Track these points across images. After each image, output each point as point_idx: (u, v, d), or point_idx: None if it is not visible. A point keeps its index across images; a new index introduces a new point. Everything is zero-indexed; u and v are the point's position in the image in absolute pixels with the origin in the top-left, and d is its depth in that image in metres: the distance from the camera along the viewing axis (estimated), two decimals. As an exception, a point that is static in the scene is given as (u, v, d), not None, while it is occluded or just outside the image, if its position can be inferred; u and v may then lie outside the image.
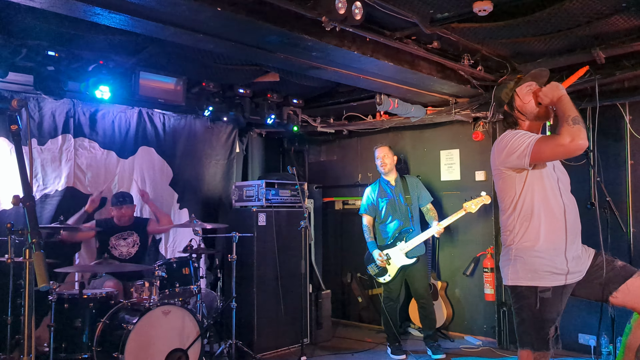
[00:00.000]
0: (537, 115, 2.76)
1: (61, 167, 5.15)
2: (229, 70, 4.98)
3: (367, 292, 6.77)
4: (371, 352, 5.36)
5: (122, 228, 5.02)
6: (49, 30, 3.89)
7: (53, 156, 5.11)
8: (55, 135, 5.14)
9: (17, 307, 4.25)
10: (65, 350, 4.03)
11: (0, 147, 4.82)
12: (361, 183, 6.86)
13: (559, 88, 2.63)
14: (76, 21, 3.53)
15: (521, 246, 2.68)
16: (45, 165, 5.06)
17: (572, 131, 2.47)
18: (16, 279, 4.24)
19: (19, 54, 4.11)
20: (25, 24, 3.79)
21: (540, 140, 2.57)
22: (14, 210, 4.82)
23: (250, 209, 5.40)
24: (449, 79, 4.83)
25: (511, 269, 2.71)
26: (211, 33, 3.59)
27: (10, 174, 4.83)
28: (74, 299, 4.12)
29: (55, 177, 5.11)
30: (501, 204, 2.81)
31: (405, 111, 5.64)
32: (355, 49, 3.96)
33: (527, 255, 2.65)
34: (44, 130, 5.07)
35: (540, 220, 2.65)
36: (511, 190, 2.71)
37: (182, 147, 6.12)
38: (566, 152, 2.53)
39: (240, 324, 4.94)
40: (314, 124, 6.52)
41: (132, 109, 5.70)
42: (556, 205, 2.68)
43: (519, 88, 2.80)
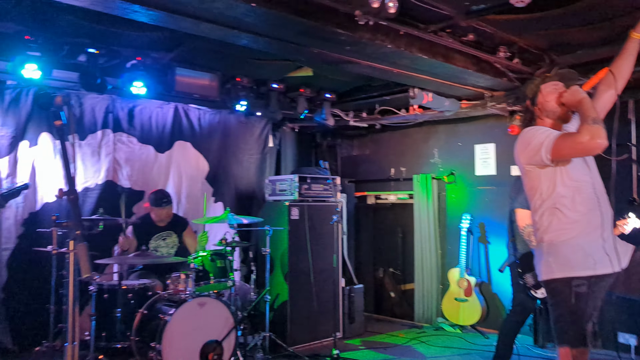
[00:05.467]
0: (556, 116, 2.75)
1: (101, 162, 5.30)
2: (263, 66, 5.02)
3: (399, 287, 6.75)
4: (404, 347, 5.34)
5: (161, 228, 5.02)
6: (90, 28, 4.00)
7: (93, 150, 5.26)
8: (95, 130, 5.29)
9: (59, 297, 4.41)
10: (105, 339, 4.15)
11: (44, 143, 4.99)
12: (394, 178, 6.82)
13: (579, 92, 2.64)
14: (115, 19, 3.61)
15: (553, 241, 2.65)
16: (86, 159, 5.22)
17: (591, 130, 2.47)
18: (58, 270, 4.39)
19: (61, 51, 4.25)
20: (67, 22, 3.91)
21: (560, 137, 2.57)
22: (56, 204, 4.99)
23: (283, 203, 5.44)
24: (485, 72, 4.75)
25: (544, 263, 2.68)
26: (246, 29, 3.62)
27: (52, 168, 5.01)
28: (113, 290, 4.24)
29: (95, 171, 5.26)
30: (531, 201, 2.77)
31: (439, 105, 5.57)
32: (388, 43, 3.93)
33: (559, 249, 2.62)
34: (85, 125, 5.22)
35: (571, 214, 2.61)
36: (539, 186, 2.69)
37: (216, 142, 6.21)
38: (585, 149, 2.54)
39: (273, 316, 5.00)
40: (346, 118, 6.52)
41: (168, 104, 5.81)
42: (587, 198, 2.64)
43: (544, 85, 2.78)
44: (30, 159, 4.92)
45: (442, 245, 6.32)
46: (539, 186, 2.69)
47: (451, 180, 6.29)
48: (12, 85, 4.81)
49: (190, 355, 3.94)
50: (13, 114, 4.82)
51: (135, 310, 4.18)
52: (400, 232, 6.80)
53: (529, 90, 2.85)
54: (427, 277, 6.25)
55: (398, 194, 6.81)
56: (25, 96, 4.88)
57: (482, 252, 6.01)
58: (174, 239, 5.03)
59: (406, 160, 6.76)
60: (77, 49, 4.33)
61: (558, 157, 2.58)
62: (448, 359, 4.95)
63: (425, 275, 6.26)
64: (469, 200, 6.14)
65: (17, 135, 4.84)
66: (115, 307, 4.19)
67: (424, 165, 6.56)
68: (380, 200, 7.04)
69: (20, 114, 4.86)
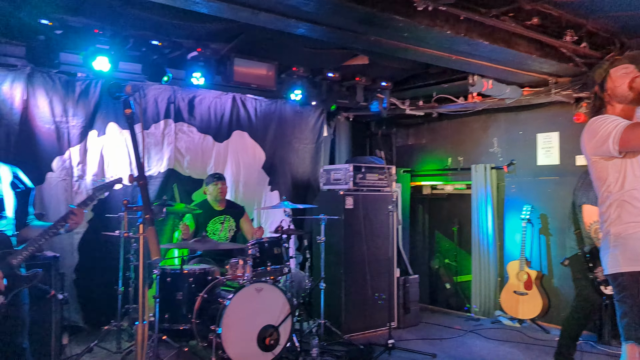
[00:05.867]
0: (627, 101, 2.59)
1: (163, 151, 5.49)
2: (319, 54, 5.03)
3: (455, 279, 6.64)
4: (460, 339, 5.26)
5: (219, 212, 5.15)
6: (153, 20, 4.14)
7: (156, 140, 5.46)
8: (158, 120, 5.48)
9: (126, 279, 4.63)
10: (167, 320, 4.32)
11: (111, 132, 5.22)
12: (451, 167, 6.69)
13: None
14: (177, 11, 3.73)
15: (621, 234, 2.54)
16: (149, 148, 5.42)
17: None
18: (125, 253, 4.61)
19: (127, 44, 4.42)
20: (132, 15, 4.06)
21: (629, 128, 2.42)
22: (122, 190, 5.22)
23: (338, 192, 5.45)
24: (549, 57, 4.56)
25: (610, 257, 2.57)
26: (303, 17, 3.64)
27: (118, 157, 5.24)
28: (175, 274, 4.39)
29: (158, 160, 5.46)
30: (598, 192, 2.66)
31: (499, 92, 5.41)
32: (448, 29, 3.84)
33: (627, 243, 2.51)
34: (148, 115, 5.42)
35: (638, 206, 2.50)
36: (606, 177, 2.58)
37: (272, 131, 6.29)
38: None
39: (328, 304, 5.04)
40: (402, 106, 6.44)
41: (226, 95, 5.94)
42: None
43: (614, 69, 2.63)
44: (98, 147, 5.16)
45: (501, 237, 6.16)
46: (607, 177, 2.58)
47: (511, 170, 6.11)
48: (82, 78, 5.06)
49: (248, 339, 4.04)
50: (83, 104, 5.07)
51: (195, 294, 4.32)
52: (457, 222, 6.68)
53: (598, 75, 2.71)
54: (484, 269, 6.11)
55: (455, 184, 6.68)
56: (94, 87, 5.11)
57: (544, 245, 5.81)
58: (231, 224, 5.16)
59: (464, 150, 6.62)
60: (141, 42, 4.49)
61: (626, 148, 2.46)
62: (507, 353, 4.84)
63: (482, 267, 6.13)
64: (530, 190, 5.94)
65: (86, 125, 5.09)
66: (177, 290, 4.35)
67: (482, 154, 6.40)
68: (436, 191, 6.93)
69: (90, 104, 5.10)
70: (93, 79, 5.09)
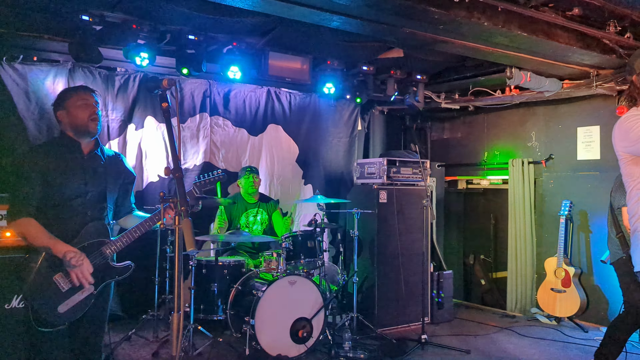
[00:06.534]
0: None
1: (199, 144, 5.58)
2: (353, 48, 5.01)
3: (490, 275, 6.53)
4: (494, 337, 5.18)
5: (252, 205, 5.21)
6: (189, 15, 4.20)
7: (192, 133, 5.55)
8: (194, 114, 5.57)
9: (162, 269, 4.73)
10: (203, 311, 4.41)
11: (149, 126, 5.34)
12: (487, 162, 6.58)
13: None
14: (213, 5, 3.77)
15: None
16: (186, 141, 5.51)
17: None
18: (162, 244, 4.71)
19: (164, 39, 4.50)
20: (169, 11, 4.12)
21: None
22: (159, 183, 5.33)
23: (372, 185, 5.43)
24: (591, 48, 4.42)
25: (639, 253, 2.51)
26: (337, 10, 3.62)
27: (156, 150, 5.35)
28: (210, 265, 4.48)
29: (194, 153, 5.55)
30: (628, 188, 2.61)
31: (538, 85, 5.27)
32: (485, 20, 3.76)
33: None
34: (184, 109, 5.51)
35: None
36: (636, 172, 2.54)
37: (306, 125, 6.31)
38: None
39: (361, 298, 5.04)
40: (437, 100, 6.35)
41: (261, 89, 5.98)
42: None
43: None
44: (136, 141, 5.28)
45: (539, 233, 6.03)
46: (636, 172, 2.54)
47: (550, 165, 5.96)
48: (121, 72, 5.18)
49: (281, 331, 4.09)
50: (122, 99, 5.19)
51: (230, 285, 4.40)
52: (493, 218, 6.56)
53: (638, 64, 2.60)
54: (521, 266, 5.99)
55: (491, 179, 6.56)
56: (133, 82, 5.23)
57: (583, 242, 5.65)
58: (264, 218, 5.20)
59: (500, 144, 6.49)
60: (177, 36, 4.56)
61: None
62: (543, 351, 4.74)
63: (519, 263, 6.01)
64: (569, 186, 5.78)
65: (125, 118, 5.21)
66: (212, 281, 4.43)
67: (520, 149, 6.26)
68: (472, 185, 6.82)
69: (128, 99, 5.22)
70: (132, 73, 5.21)
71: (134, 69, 5.16)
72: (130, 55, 4.43)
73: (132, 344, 4.53)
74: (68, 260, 2.30)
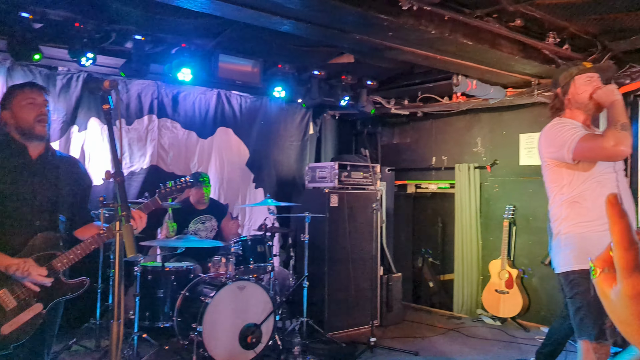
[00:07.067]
0: (586, 108, 2.73)
1: (146, 146, 5.44)
2: (305, 52, 5.01)
3: (438, 277, 6.68)
4: (441, 338, 5.29)
5: (200, 212, 5.11)
6: (136, 15, 4.09)
7: (139, 136, 5.41)
8: (141, 116, 5.43)
9: (106, 277, 4.58)
10: (148, 318, 4.29)
11: (92, 127, 5.16)
12: (435, 167, 6.73)
13: (615, 93, 2.63)
14: (160, 5, 3.69)
15: (572, 233, 2.66)
16: (132, 144, 5.37)
17: (618, 136, 2.48)
18: (105, 250, 4.56)
19: (109, 38, 4.36)
20: (114, 9, 4.00)
21: (584, 139, 2.56)
22: (103, 187, 5.15)
23: (323, 190, 5.45)
24: (532, 58, 4.60)
25: (562, 255, 2.69)
26: (288, 15, 3.62)
27: (100, 152, 5.18)
28: (156, 272, 4.37)
29: (140, 156, 5.41)
30: (550, 193, 2.79)
31: (483, 92, 5.44)
32: (432, 29, 3.85)
33: (578, 241, 2.64)
34: (131, 111, 5.36)
35: (591, 208, 2.63)
36: (560, 179, 2.71)
37: (257, 128, 6.27)
38: (607, 155, 2.55)
39: (311, 302, 5.03)
40: (387, 105, 6.45)
41: (211, 91, 5.90)
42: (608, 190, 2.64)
43: (579, 76, 2.75)
44: (79, 143, 5.10)
45: (484, 236, 6.21)
46: (560, 179, 2.71)
47: (494, 170, 6.15)
48: (63, 72, 4.98)
49: (229, 337, 4.03)
50: (64, 99, 5.00)
51: (177, 291, 4.30)
52: (440, 221, 6.71)
53: (562, 78, 2.80)
54: (467, 268, 6.16)
55: (439, 183, 6.71)
56: (76, 82, 5.05)
57: (525, 244, 5.86)
58: (213, 224, 5.12)
59: (448, 149, 6.66)
60: (124, 36, 4.43)
61: (580, 158, 2.60)
62: (487, 351, 4.88)
63: (465, 266, 6.17)
64: (512, 190, 5.99)
65: (67, 120, 5.02)
66: (159, 288, 4.32)
67: (466, 154, 6.44)
68: (421, 189, 6.96)
69: (71, 99, 5.03)
70: (75, 73, 5.03)
71: (78, 68, 4.98)
72: (70, 55, 4.27)
73: (72, 354, 4.35)
74: (12, 273, 2.09)
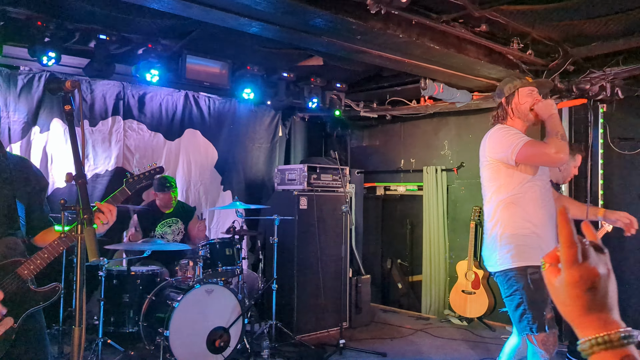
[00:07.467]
0: (526, 119, 2.97)
1: (111, 148, 5.34)
2: (274, 54, 5.00)
3: (407, 279, 6.74)
4: (409, 339, 5.35)
5: (167, 215, 5.03)
6: (101, 14, 4.01)
7: (103, 137, 5.30)
8: (106, 117, 5.32)
9: (69, 281, 4.46)
10: (113, 323, 4.21)
11: (55, 128, 5.03)
12: (403, 169, 6.80)
13: (553, 107, 2.91)
14: (126, 5, 3.62)
15: (509, 233, 2.82)
16: (96, 145, 5.25)
17: (559, 144, 2.74)
18: (68, 254, 4.44)
19: (72, 37, 4.26)
20: (78, 8, 3.92)
21: (528, 144, 2.77)
22: (67, 189, 5.03)
23: (292, 192, 5.44)
24: (497, 63, 4.69)
25: (499, 254, 2.82)
26: (256, 16, 3.60)
27: (63, 154, 5.05)
28: (122, 275, 4.28)
29: (105, 158, 5.30)
30: (487, 192, 2.97)
31: (450, 96, 5.53)
32: (400, 33, 3.89)
33: (515, 241, 2.79)
34: (95, 112, 5.25)
35: (525, 207, 2.82)
36: (497, 178, 2.89)
37: (226, 130, 6.22)
38: (549, 160, 2.81)
39: (280, 305, 5.02)
40: (357, 108, 6.49)
41: (178, 92, 5.82)
42: (540, 196, 2.87)
43: (523, 88, 2.99)
44: (41, 144, 4.96)
45: (451, 237, 6.30)
46: (498, 179, 2.89)
47: (461, 172, 6.26)
48: (24, 71, 4.85)
49: (197, 342, 3.98)
50: (25, 99, 4.86)
51: (143, 296, 4.23)
52: (409, 223, 6.78)
53: (507, 88, 3.03)
54: (435, 269, 6.24)
55: (407, 186, 6.78)
56: (38, 82, 4.91)
57: (491, 245, 5.97)
58: (179, 226, 5.06)
59: (416, 152, 6.73)
60: (88, 36, 4.34)
61: (522, 161, 2.80)
62: (454, 350, 4.95)
63: (433, 267, 6.25)
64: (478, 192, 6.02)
65: (28, 120, 4.88)
66: (124, 292, 4.24)
67: (433, 157, 6.53)
68: (389, 192, 7.02)
69: (33, 99, 4.89)
70: (37, 72, 4.89)
71: (40, 68, 4.84)
72: (35, 54, 4.15)
73: (34, 362, 4.22)
74: None
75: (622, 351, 0.80)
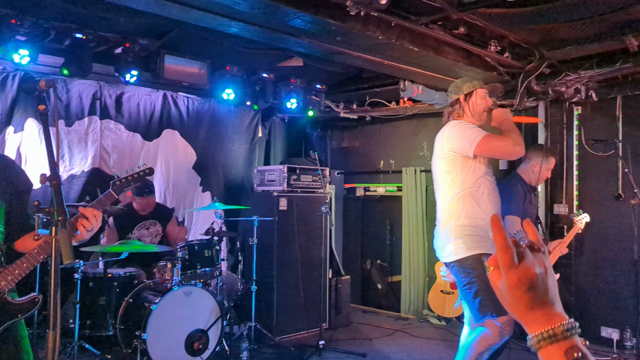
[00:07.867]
0: (480, 118, 3.18)
1: (87, 149, 5.25)
2: (253, 55, 4.98)
3: (386, 279, 6.77)
4: (389, 339, 5.37)
5: (144, 217, 4.97)
6: (77, 13, 3.94)
7: (80, 137, 5.21)
8: (82, 117, 5.23)
9: (44, 284, 4.37)
10: (89, 327, 4.13)
11: (30, 129, 4.93)
12: (383, 170, 6.83)
13: (508, 113, 3.21)
14: (104, 3, 3.57)
15: (463, 224, 2.96)
16: (72, 146, 5.16)
17: (516, 139, 2.96)
18: (43, 257, 4.35)
19: (48, 36, 4.18)
20: (54, 6, 3.85)
21: (487, 136, 2.94)
22: (41, 190, 4.92)
23: (272, 193, 5.42)
24: (475, 65, 4.75)
25: (454, 244, 2.96)
26: (236, 16, 3.58)
27: (38, 154, 4.95)
28: (98, 278, 4.21)
29: (81, 158, 5.21)
30: (441, 185, 3.12)
31: (429, 98, 5.57)
32: (379, 34, 3.91)
33: (469, 231, 2.93)
34: (71, 111, 5.16)
35: (478, 200, 2.98)
36: (453, 171, 3.03)
37: (205, 131, 6.17)
38: (507, 152, 3.05)
39: (259, 307, 4.99)
40: (336, 109, 6.50)
41: (157, 92, 5.76)
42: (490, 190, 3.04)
43: (480, 89, 3.19)
44: (15, 144, 4.86)
45: (430, 238, 6.32)
46: (455, 172, 3.03)
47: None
48: (-3, 70, 4.74)
49: (175, 344, 3.94)
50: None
51: (120, 298, 4.16)
52: (388, 224, 6.82)
53: (466, 87, 3.21)
54: (414, 270, 6.28)
55: (387, 187, 6.82)
56: (12, 81, 4.80)
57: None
58: (157, 229, 5.00)
59: (395, 153, 6.77)
60: (64, 34, 4.26)
61: (481, 153, 2.96)
62: (433, 350, 5.00)
63: (412, 267, 6.29)
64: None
65: (2, 120, 4.77)
66: (101, 295, 4.17)
67: (412, 158, 6.57)
68: (369, 193, 7.05)
69: (7, 99, 4.78)
70: (11, 72, 4.78)
71: (14, 67, 4.74)
72: (5, 53, 4.06)
73: (7, 367, 4.13)
74: None
75: (566, 342, 0.83)
